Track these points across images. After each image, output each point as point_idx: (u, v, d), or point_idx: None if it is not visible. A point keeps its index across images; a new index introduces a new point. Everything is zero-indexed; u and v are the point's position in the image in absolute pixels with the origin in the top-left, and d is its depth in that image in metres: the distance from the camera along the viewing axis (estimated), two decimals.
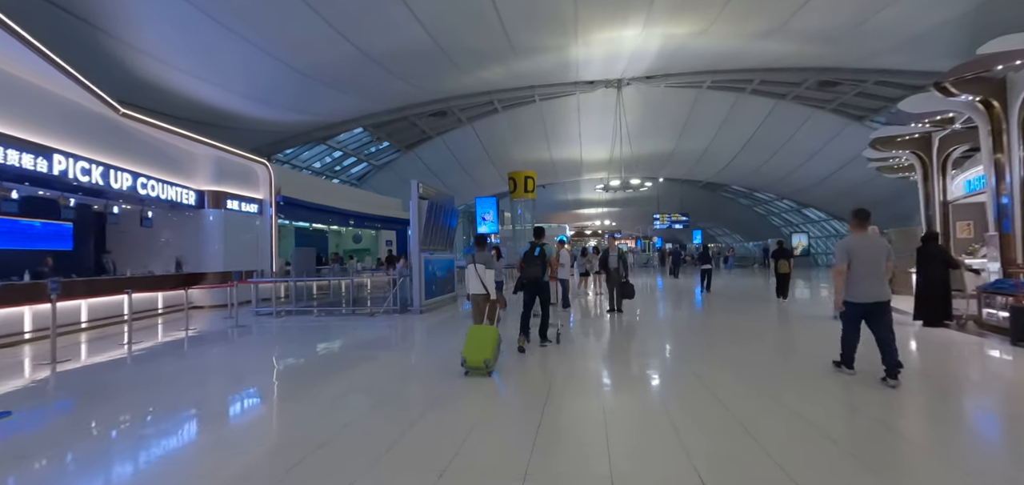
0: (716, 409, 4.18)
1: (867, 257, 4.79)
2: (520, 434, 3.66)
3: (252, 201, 14.37)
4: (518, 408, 4.43)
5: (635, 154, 25.26)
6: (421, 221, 10.21)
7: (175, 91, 13.45)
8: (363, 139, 22.05)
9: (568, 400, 4.55)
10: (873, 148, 11.62)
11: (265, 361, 6.54)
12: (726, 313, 10.78)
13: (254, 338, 8.14)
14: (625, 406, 4.43)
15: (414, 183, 10.26)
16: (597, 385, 5.16)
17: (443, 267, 11.43)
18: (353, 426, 3.89)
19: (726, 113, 21.80)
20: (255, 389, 5.25)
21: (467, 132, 22.90)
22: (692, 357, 6.36)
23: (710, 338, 7.81)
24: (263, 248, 14.61)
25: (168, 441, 3.77)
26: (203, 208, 13.00)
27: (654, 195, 39.11)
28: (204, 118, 15.26)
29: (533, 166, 23.65)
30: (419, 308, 10.25)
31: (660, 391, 4.95)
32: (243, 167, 14.15)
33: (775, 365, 5.99)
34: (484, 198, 16.21)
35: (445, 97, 19.13)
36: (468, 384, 5.01)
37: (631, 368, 5.99)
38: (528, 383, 5.22)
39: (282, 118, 16.52)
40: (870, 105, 19.52)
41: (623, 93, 20.25)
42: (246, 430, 4.08)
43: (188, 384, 5.41)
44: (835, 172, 25.61)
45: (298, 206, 15.94)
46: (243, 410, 4.58)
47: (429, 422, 3.93)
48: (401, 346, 7.45)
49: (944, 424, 3.96)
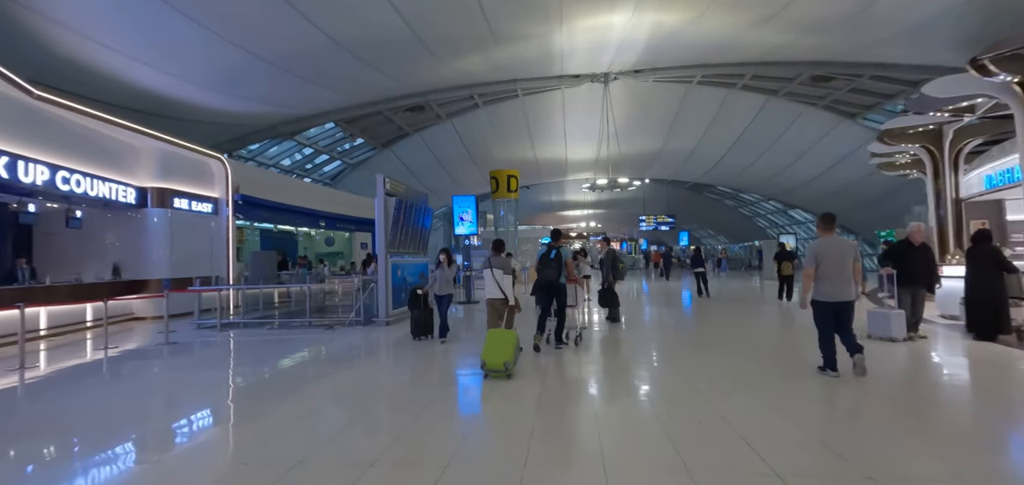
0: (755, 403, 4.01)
1: (834, 259, 4.97)
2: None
3: (205, 200, 12.99)
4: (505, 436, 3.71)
5: (622, 153, 24.36)
6: (388, 220, 9.01)
7: (112, 75, 12.05)
8: (336, 135, 20.72)
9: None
10: (882, 141, 10.80)
11: (149, 405, 5.19)
12: (734, 315, 9.89)
13: (168, 364, 6.80)
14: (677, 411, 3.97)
15: (380, 177, 9.06)
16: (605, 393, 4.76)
17: (415, 272, 10.24)
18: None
19: (716, 110, 21.02)
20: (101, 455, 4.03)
21: (446, 129, 21.73)
22: (699, 355, 6.19)
23: (722, 339, 6.79)
24: (218, 252, 13.23)
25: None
26: (146, 207, 11.60)
27: (640, 196, 38.40)
28: (153, 108, 13.84)
29: (516, 165, 22.54)
30: (385, 319, 9.04)
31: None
32: (194, 162, 12.77)
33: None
34: (462, 196, 15.04)
35: (422, 91, 17.95)
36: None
37: (662, 375, 5.72)
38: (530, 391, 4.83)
39: (243, 109, 15.15)
40: (863, 102, 18.90)
41: (610, 88, 19.30)
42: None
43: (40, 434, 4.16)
44: (825, 172, 25.08)
45: (259, 206, 14.58)
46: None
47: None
48: (345, 378, 6.18)
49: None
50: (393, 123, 20.42)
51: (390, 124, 20.46)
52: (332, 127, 19.68)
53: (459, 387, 5.36)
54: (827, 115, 20.16)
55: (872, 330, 7.04)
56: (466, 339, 7.98)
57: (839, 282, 4.93)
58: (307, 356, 7.03)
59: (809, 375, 5.13)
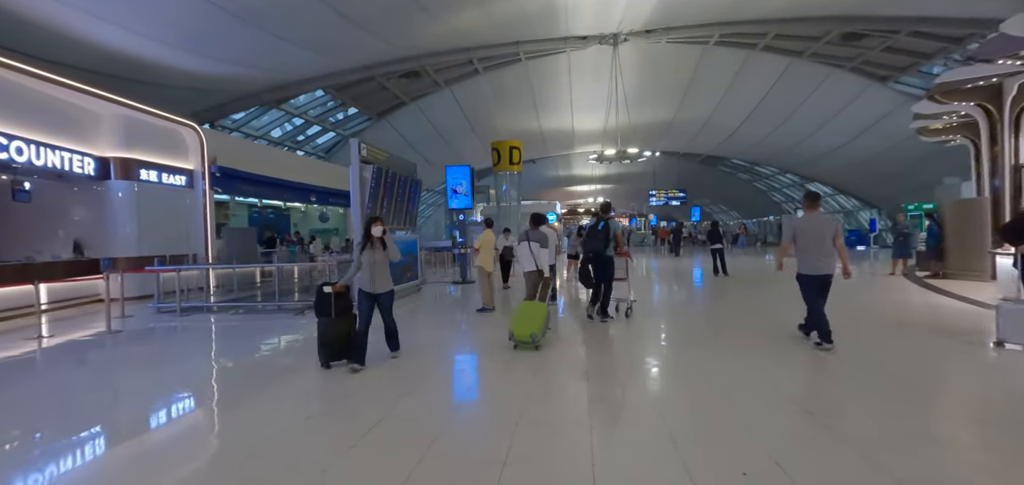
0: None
1: (813, 235, 5.20)
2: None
3: (178, 172, 11.97)
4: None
5: (632, 123, 22.94)
6: (365, 191, 7.91)
7: (72, 36, 10.92)
8: (327, 104, 19.52)
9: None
10: (933, 99, 9.42)
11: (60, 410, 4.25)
12: (756, 296, 8.80)
13: (106, 355, 5.85)
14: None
15: (354, 143, 7.94)
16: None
17: (401, 250, 9.18)
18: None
19: (734, 74, 19.49)
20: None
21: (445, 98, 20.42)
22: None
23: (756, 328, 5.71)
24: (194, 229, 12.26)
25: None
26: (109, 180, 10.58)
27: (650, 170, 36.94)
28: (122, 71, 12.72)
29: (520, 137, 21.29)
30: None
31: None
32: (164, 131, 11.72)
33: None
34: (455, 167, 13.87)
35: (416, 54, 16.64)
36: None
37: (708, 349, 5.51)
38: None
39: (220, 72, 13.98)
40: (897, 63, 17.30)
41: (619, 51, 17.86)
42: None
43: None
44: (849, 142, 23.51)
45: (239, 179, 13.54)
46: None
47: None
48: (304, 373, 5.16)
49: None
50: (388, 91, 19.15)
51: (384, 92, 19.20)
52: (322, 95, 18.47)
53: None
54: (856, 79, 18.58)
55: (1006, 334, 5.06)
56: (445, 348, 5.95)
57: (820, 256, 5.16)
58: (246, 354, 5.91)
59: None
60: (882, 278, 12.01)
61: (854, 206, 33.24)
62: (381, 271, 4.95)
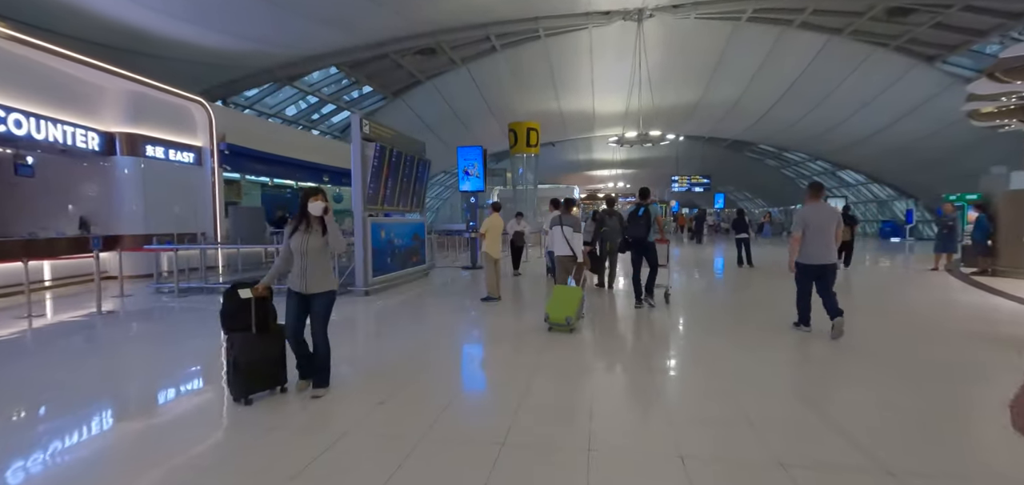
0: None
1: (819, 225, 5.27)
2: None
3: (186, 149, 11.74)
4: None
5: (655, 105, 22.01)
6: (367, 170, 7.47)
7: (82, 9, 10.66)
8: (342, 83, 19.12)
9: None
10: (992, 78, 8.48)
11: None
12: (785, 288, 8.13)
13: (80, 341, 5.57)
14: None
15: (355, 118, 7.47)
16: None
17: (407, 233, 8.77)
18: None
19: (766, 53, 18.39)
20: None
21: (461, 76, 19.82)
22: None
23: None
24: (203, 207, 12.07)
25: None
26: (115, 155, 10.38)
27: (672, 155, 35.81)
28: (132, 45, 12.47)
29: (539, 118, 20.61)
30: (363, 287, 7.61)
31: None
32: (172, 106, 11.47)
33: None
34: (467, 147, 13.30)
35: (431, 30, 16.06)
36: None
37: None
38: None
39: (232, 47, 13.64)
40: (948, 40, 16.02)
41: (644, 28, 16.96)
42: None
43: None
44: (887, 127, 22.12)
45: (249, 157, 13.28)
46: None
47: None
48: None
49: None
50: (403, 69, 18.64)
51: (400, 70, 18.69)
52: (335, 72, 18.07)
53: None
54: (900, 58, 17.32)
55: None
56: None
57: (822, 246, 5.25)
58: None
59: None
60: (923, 274, 11.14)
61: (888, 196, 31.63)
62: (316, 264, 3.66)
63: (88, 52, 9.96)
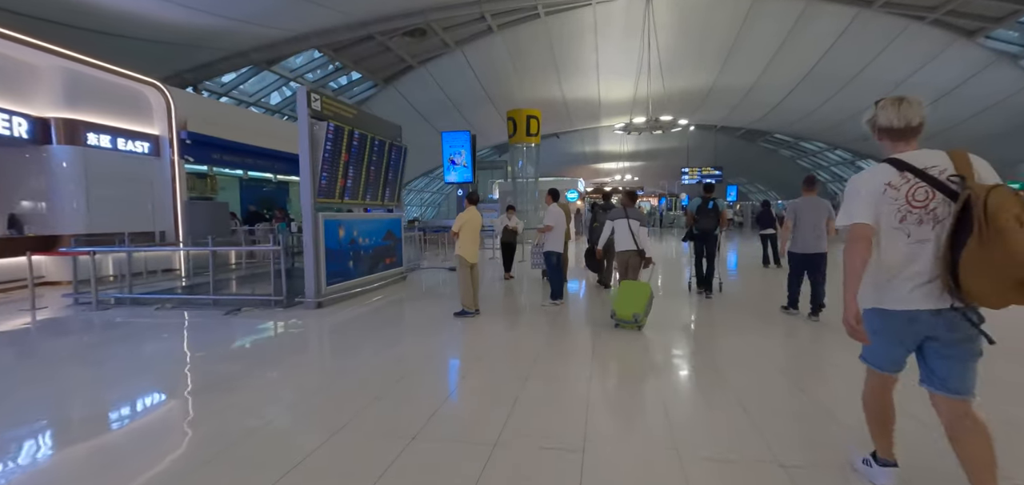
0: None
1: (810, 216, 5.67)
2: None
3: (139, 138, 10.48)
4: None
5: (666, 91, 20.51)
6: (318, 154, 6.11)
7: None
8: (328, 67, 17.80)
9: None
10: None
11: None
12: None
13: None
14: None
15: (302, 90, 6.09)
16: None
17: (377, 231, 7.44)
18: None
19: (787, 31, 16.84)
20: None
21: (456, 60, 18.42)
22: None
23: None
24: (163, 203, 10.82)
25: None
26: (50, 144, 9.12)
27: (683, 146, 34.23)
28: (72, 19, 11.21)
29: (542, 106, 19.20)
30: (314, 299, 6.26)
31: None
32: (122, 90, 10.21)
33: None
34: (453, 132, 11.87)
35: (420, 7, 14.69)
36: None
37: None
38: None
39: (195, 23, 12.32)
40: (990, 11, 14.40)
41: (653, 5, 15.48)
42: None
43: None
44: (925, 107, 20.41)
45: (216, 147, 12.00)
46: None
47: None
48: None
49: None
50: (392, 52, 17.27)
51: (388, 53, 17.32)
52: (319, 56, 16.74)
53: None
54: (937, 33, 15.72)
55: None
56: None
57: (812, 237, 5.63)
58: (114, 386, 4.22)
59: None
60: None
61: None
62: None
63: (20, 26, 8.70)
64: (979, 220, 1.75)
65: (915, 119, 2.11)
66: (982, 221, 1.74)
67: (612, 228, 6.17)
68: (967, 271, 1.79)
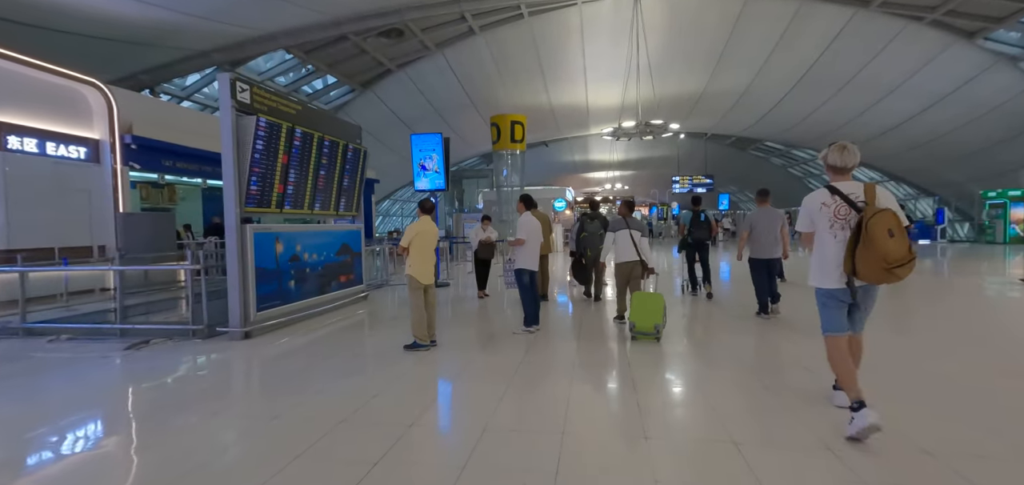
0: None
1: (765, 226, 6.31)
2: None
3: (74, 142, 9.41)
4: None
5: (656, 96, 19.73)
6: (245, 154, 5.12)
7: None
8: (301, 71, 16.80)
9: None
10: None
11: None
12: None
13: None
14: None
15: (224, 78, 5.09)
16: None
17: (328, 246, 6.44)
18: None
19: (781, 32, 16.17)
20: None
21: (437, 63, 17.55)
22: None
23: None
24: (102, 215, 9.73)
25: None
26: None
27: (673, 155, 33.57)
28: (30, 18, 10.20)
29: (528, 112, 18.37)
30: (240, 328, 5.20)
31: None
32: (52, 88, 9.17)
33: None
34: (422, 135, 10.88)
35: (395, 6, 13.78)
36: None
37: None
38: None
39: (148, 17, 11.27)
40: (994, 11, 13.80)
41: (642, 5, 14.72)
42: None
43: None
44: (914, 116, 19.89)
45: (166, 152, 10.94)
46: None
47: None
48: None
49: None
50: (367, 55, 16.33)
51: (364, 56, 16.39)
52: (290, 58, 15.75)
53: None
54: (935, 34, 15.11)
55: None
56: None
57: (768, 244, 6.26)
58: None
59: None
60: (1010, 283, 9.13)
61: (906, 195, 29.39)
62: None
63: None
64: (863, 231, 2.73)
65: (850, 162, 2.99)
66: (864, 231, 2.72)
67: (614, 239, 6.14)
68: (858, 261, 2.77)
